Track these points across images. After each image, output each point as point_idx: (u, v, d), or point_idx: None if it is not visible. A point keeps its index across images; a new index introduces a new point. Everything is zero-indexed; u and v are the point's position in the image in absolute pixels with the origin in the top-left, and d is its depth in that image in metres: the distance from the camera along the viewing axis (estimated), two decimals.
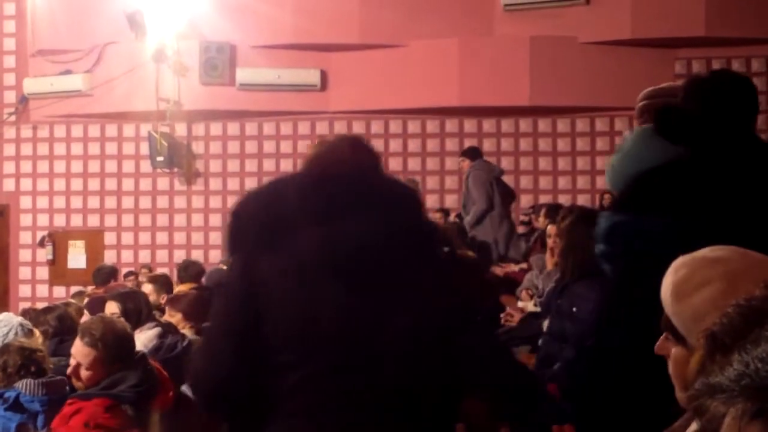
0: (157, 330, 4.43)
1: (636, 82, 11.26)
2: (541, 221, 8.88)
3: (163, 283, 6.75)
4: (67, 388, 3.97)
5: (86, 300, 6.09)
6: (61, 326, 4.99)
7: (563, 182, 11.72)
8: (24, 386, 3.94)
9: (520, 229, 9.99)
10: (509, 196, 9.43)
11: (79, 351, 3.68)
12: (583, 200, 10.97)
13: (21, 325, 4.66)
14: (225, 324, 2.44)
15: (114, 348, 3.63)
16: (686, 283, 1.71)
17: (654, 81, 13.18)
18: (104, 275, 9.19)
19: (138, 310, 4.46)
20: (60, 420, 3.55)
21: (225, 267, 7.54)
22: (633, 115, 13.17)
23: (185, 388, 3.73)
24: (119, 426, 3.40)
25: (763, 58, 11.38)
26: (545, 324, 4.71)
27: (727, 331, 0.91)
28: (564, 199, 10.80)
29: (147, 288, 6.07)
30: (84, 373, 3.65)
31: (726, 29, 10.72)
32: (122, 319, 4.27)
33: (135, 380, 3.49)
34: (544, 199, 11.15)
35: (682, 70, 11.45)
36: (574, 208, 5.79)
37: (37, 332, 4.75)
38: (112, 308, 4.38)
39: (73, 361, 3.71)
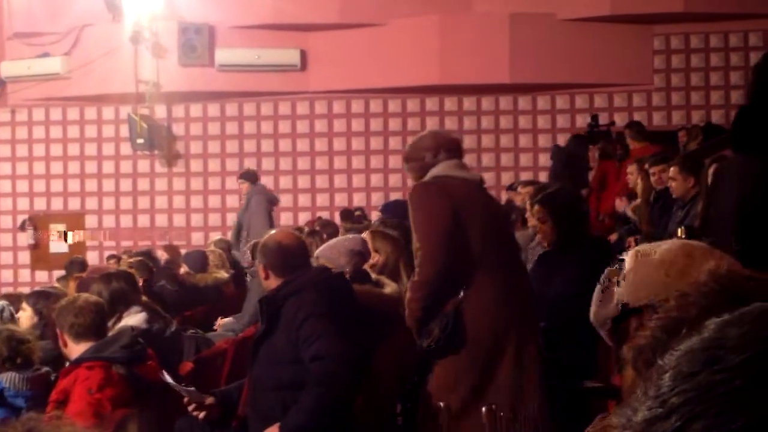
0: (144, 315, 4.44)
1: (615, 58, 11.34)
2: (520, 199, 8.91)
3: (142, 266, 6.82)
4: (52, 378, 3.98)
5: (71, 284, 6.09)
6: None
7: (543, 159, 11.76)
8: (8, 380, 3.94)
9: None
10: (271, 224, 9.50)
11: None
12: None
13: (3, 308, 4.67)
14: None
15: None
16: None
17: (633, 57, 13.09)
18: (76, 268, 9.19)
19: (124, 291, 4.48)
20: (60, 393, 3.58)
21: (210, 251, 7.54)
22: (612, 92, 13.15)
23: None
24: (115, 386, 3.45)
25: (740, 33, 11.44)
26: None
27: (650, 346, 0.95)
28: (544, 177, 10.84)
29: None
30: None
31: (704, 5, 10.76)
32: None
33: (124, 342, 3.55)
34: (524, 176, 11.19)
35: (660, 46, 11.50)
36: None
37: (24, 315, 4.77)
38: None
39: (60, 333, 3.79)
